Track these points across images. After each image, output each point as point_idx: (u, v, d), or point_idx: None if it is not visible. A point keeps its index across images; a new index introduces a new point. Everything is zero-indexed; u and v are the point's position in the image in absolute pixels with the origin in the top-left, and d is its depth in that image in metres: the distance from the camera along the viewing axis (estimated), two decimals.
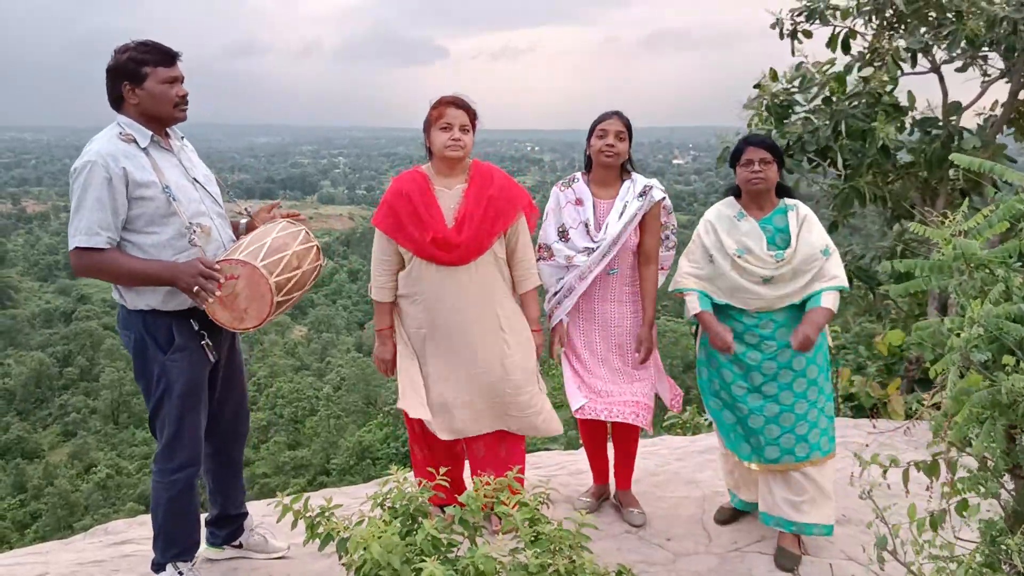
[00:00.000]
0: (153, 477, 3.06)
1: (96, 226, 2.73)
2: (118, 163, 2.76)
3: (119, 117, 2.91)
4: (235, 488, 3.42)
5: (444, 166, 3.48)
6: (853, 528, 3.71)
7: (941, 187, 6.88)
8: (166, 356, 2.92)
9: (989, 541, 2.04)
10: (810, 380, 3.42)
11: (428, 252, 3.40)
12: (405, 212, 3.42)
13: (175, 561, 3.07)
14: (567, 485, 4.21)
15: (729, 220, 3.47)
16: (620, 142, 3.60)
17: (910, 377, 7.03)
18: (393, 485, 2.34)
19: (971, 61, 6.73)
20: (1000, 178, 2.29)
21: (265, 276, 2.78)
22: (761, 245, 3.37)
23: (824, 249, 3.35)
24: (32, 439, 44.02)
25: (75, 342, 56.85)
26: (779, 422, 3.42)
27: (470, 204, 3.43)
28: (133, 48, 2.85)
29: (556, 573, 2.05)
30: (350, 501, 3.91)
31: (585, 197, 3.69)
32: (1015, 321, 1.98)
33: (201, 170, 3.10)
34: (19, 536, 30.03)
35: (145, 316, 2.92)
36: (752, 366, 3.43)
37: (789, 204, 3.46)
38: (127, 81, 2.85)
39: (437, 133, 3.41)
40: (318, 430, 39.17)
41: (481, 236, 3.42)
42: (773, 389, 3.43)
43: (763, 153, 3.37)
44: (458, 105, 3.42)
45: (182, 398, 2.94)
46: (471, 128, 3.46)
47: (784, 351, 3.38)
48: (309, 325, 64.96)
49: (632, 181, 3.68)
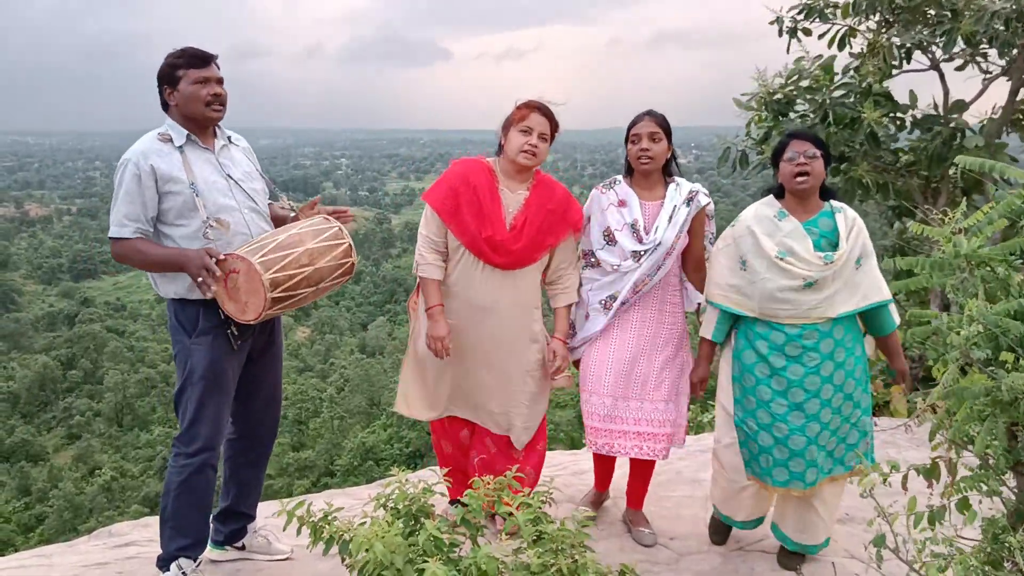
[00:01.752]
0: (169, 462, 3.12)
1: (124, 218, 2.95)
2: (148, 160, 2.95)
3: (167, 120, 3.11)
4: (254, 484, 3.46)
5: (513, 169, 3.43)
6: (855, 526, 3.71)
7: (943, 185, 6.88)
8: (191, 339, 3.06)
9: (991, 539, 2.04)
10: (846, 395, 3.21)
11: (479, 248, 3.35)
12: (467, 201, 3.35)
13: (180, 556, 3.07)
14: (570, 485, 4.21)
15: (769, 220, 3.21)
16: (655, 144, 3.40)
17: (912, 375, 7.02)
18: (396, 486, 2.34)
19: (969, 59, 6.73)
20: (1001, 176, 2.30)
21: (259, 272, 2.85)
22: (807, 245, 3.11)
23: (858, 258, 3.15)
24: (36, 442, 44.14)
25: (79, 345, 57.01)
26: (818, 442, 3.20)
27: (530, 212, 3.39)
28: (173, 55, 3.06)
29: (559, 573, 2.06)
30: (354, 502, 3.93)
31: (629, 198, 3.48)
32: (1015, 318, 1.98)
33: (242, 168, 3.23)
34: (24, 539, 30.12)
35: (175, 303, 3.09)
36: (794, 381, 3.17)
37: (836, 207, 3.22)
38: (167, 85, 3.07)
39: (516, 135, 3.36)
40: (322, 431, 39.26)
41: (534, 247, 3.39)
42: (815, 407, 3.17)
43: (808, 146, 3.14)
44: (543, 112, 3.37)
45: (203, 381, 3.03)
46: (550, 138, 3.41)
47: (827, 363, 3.16)
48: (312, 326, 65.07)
49: (677, 185, 3.49)
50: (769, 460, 3.24)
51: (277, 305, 2.93)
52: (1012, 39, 6.05)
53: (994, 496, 2.09)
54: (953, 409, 2.04)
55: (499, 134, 3.47)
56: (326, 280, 3.09)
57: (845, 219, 3.17)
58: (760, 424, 3.24)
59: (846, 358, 3.19)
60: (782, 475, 3.23)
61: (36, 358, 52.88)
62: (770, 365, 3.20)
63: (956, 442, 2.10)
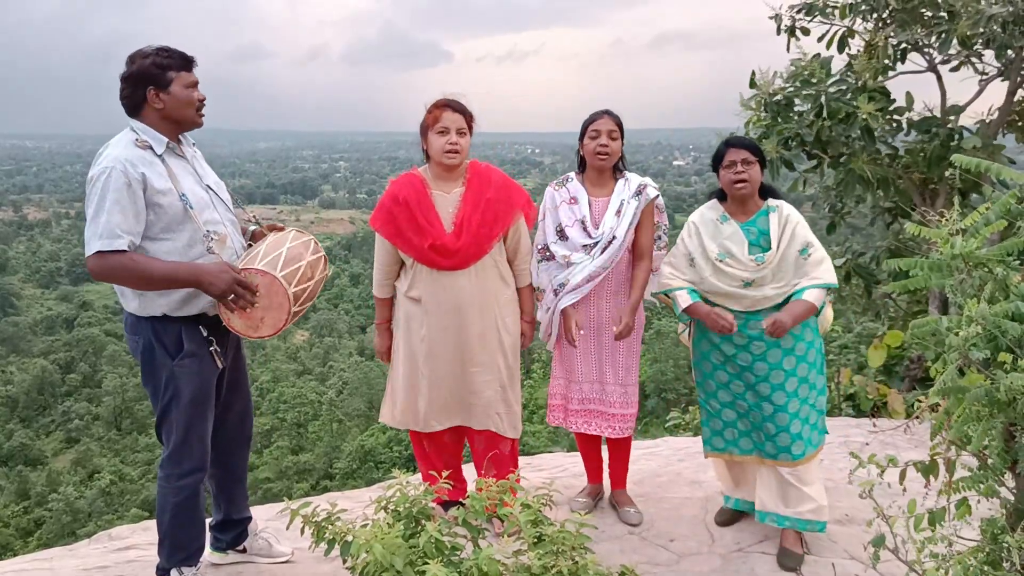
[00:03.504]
0: (159, 482, 3.06)
1: (117, 229, 2.71)
2: (137, 169, 2.76)
3: (133, 123, 2.91)
4: (239, 493, 3.43)
5: (442, 170, 3.50)
6: (855, 527, 3.71)
7: (940, 187, 6.89)
8: (175, 362, 2.92)
9: (990, 539, 2.05)
10: (801, 378, 3.41)
11: (427, 258, 3.43)
12: (404, 219, 3.44)
13: (180, 566, 3.08)
14: (569, 487, 4.21)
15: (712, 223, 3.46)
16: (613, 141, 3.59)
17: (911, 376, 7.03)
18: (396, 488, 2.35)
19: (965, 61, 6.75)
20: (997, 178, 2.31)
21: (284, 287, 2.83)
22: (743, 249, 3.36)
23: (803, 249, 3.32)
24: (35, 446, 44.06)
25: (77, 348, 56.94)
26: (775, 420, 3.41)
27: (468, 209, 3.45)
28: (154, 53, 2.86)
29: (559, 574, 2.06)
30: (354, 505, 3.93)
31: (580, 195, 3.69)
32: (1013, 319, 1.99)
33: (212, 177, 3.12)
34: (23, 543, 30.04)
35: (155, 322, 2.91)
36: (744, 367, 3.44)
37: (772, 205, 3.43)
38: (152, 86, 2.86)
39: (434, 137, 3.43)
40: (321, 435, 39.22)
41: (480, 240, 3.44)
42: (766, 389, 3.42)
43: (744, 154, 3.35)
44: (454, 108, 3.42)
45: (191, 404, 2.95)
46: (468, 131, 3.47)
47: (774, 351, 3.38)
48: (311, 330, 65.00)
49: (626, 180, 3.68)
50: (734, 433, 3.58)
51: (291, 321, 2.90)
52: (1010, 42, 6.06)
53: (992, 497, 2.10)
54: (952, 409, 2.04)
55: (420, 141, 3.54)
56: (317, 293, 3.10)
57: (779, 218, 3.38)
58: (722, 403, 3.57)
59: (795, 343, 3.40)
60: (746, 444, 3.56)
61: (35, 362, 52.76)
62: (722, 352, 3.49)
63: (955, 442, 2.11)
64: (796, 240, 3.33)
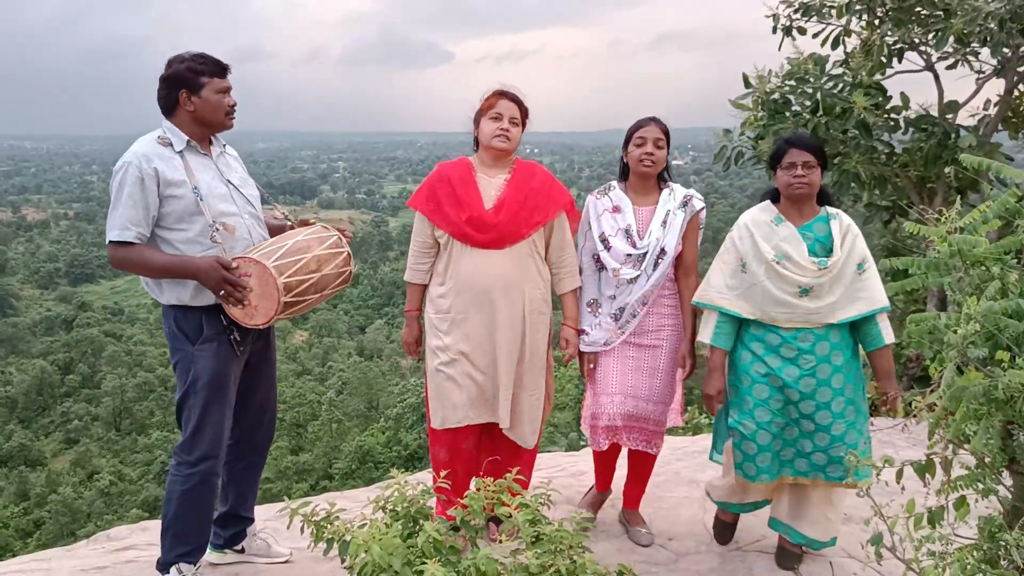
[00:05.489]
0: (170, 469, 3.11)
1: (128, 222, 2.90)
2: (151, 163, 2.92)
3: (165, 123, 3.06)
4: (250, 486, 3.45)
5: (490, 157, 3.46)
6: (853, 526, 3.72)
7: (938, 185, 6.90)
8: (194, 347, 3.03)
9: (988, 537, 2.05)
10: (848, 399, 3.20)
11: (463, 232, 3.35)
12: (444, 194, 3.41)
13: (180, 562, 3.08)
14: (568, 486, 4.22)
15: (766, 225, 3.25)
16: (659, 150, 3.47)
17: (910, 374, 7.04)
18: (394, 488, 2.35)
19: (961, 58, 6.75)
20: (997, 176, 2.31)
21: (274, 276, 2.86)
22: (801, 251, 3.16)
23: (860, 263, 3.17)
24: (35, 447, 44.07)
25: (76, 349, 56.96)
26: (814, 439, 3.22)
27: (511, 191, 3.41)
28: (190, 59, 3.01)
29: (557, 574, 2.06)
30: (352, 505, 3.92)
31: (623, 204, 3.56)
32: (1012, 317, 1.99)
33: (238, 174, 3.24)
34: (22, 544, 30.02)
35: (175, 309, 3.05)
36: (788, 383, 3.20)
37: (831, 212, 3.25)
38: (185, 89, 3.01)
39: (487, 123, 3.40)
40: (320, 435, 39.22)
41: (519, 222, 3.36)
42: (810, 408, 3.19)
43: (807, 156, 3.16)
44: (511, 98, 3.42)
45: (207, 389, 3.02)
46: (521, 123, 3.45)
47: (823, 366, 3.17)
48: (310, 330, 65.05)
49: (671, 190, 3.56)
50: (767, 459, 3.28)
51: (287, 310, 2.94)
52: (1006, 40, 6.07)
53: (990, 495, 2.10)
54: (951, 408, 2.04)
55: (472, 129, 3.52)
56: (329, 287, 3.12)
57: (840, 225, 3.21)
58: (759, 423, 3.25)
59: (844, 362, 3.20)
60: (776, 468, 3.31)
61: (34, 363, 52.77)
62: (766, 364, 3.23)
63: (953, 441, 2.11)
64: (856, 253, 3.17)
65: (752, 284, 3.21)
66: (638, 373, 3.53)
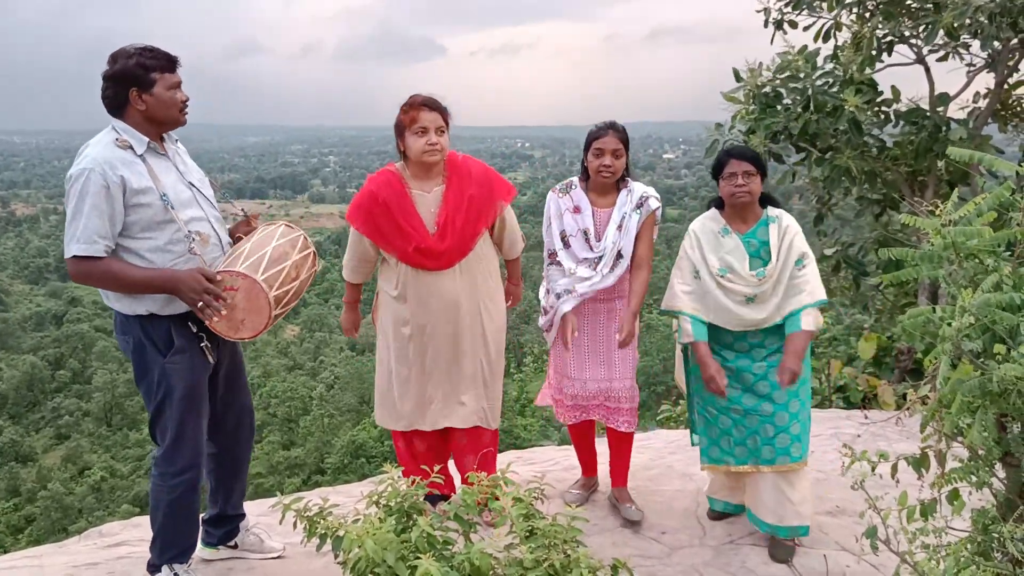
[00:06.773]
0: (153, 480, 3.04)
1: (94, 235, 2.72)
2: (116, 171, 2.74)
3: (115, 123, 2.88)
4: (237, 488, 3.42)
5: (421, 170, 3.44)
6: (846, 519, 3.72)
7: (929, 178, 6.91)
8: (166, 359, 2.91)
9: (981, 529, 2.05)
10: (801, 379, 3.36)
11: (412, 259, 3.40)
12: (384, 220, 3.40)
13: (171, 563, 3.06)
14: (561, 481, 4.21)
15: (714, 236, 3.43)
16: (616, 160, 3.53)
17: (901, 367, 7.06)
18: (387, 483, 2.34)
19: (952, 51, 6.77)
20: (988, 169, 2.31)
21: (265, 291, 2.80)
22: (744, 264, 3.35)
23: (798, 259, 3.33)
24: (25, 443, 43.83)
25: (67, 345, 56.66)
26: (774, 421, 3.40)
27: (450, 208, 3.40)
28: (138, 54, 2.83)
29: (551, 568, 2.06)
30: (345, 500, 3.91)
31: (583, 205, 3.64)
32: (1006, 309, 1.99)
33: (196, 174, 3.10)
34: (13, 540, 29.90)
35: (143, 320, 2.91)
36: (742, 368, 3.43)
37: (772, 216, 3.41)
38: (135, 87, 2.83)
39: (413, 138, 3.35)
40: (312, 429, 39.13)
41: (465, 239, 3.42)
42: (765, 388, 3.41)
43: (747, 166, 3.32)
44: (431, 107, 3.35)
45: (183, 401, 2.93)
46: (446, 128, 3.40)
47: (774, 353, 3.40)
48: (302, 324, 64.85)
49: (629, 190, 3.63)
50: (730, 442, 3.53)
51: (273, 323, 2.88)
52: (996, 33, 6.07)
53: (984, 488, 2.10)
54: (947, 401, 2.04)
55: (396, 140, 3.47)
56: (303, 291, 3.07)
57: (779, 228, 3.36)
58: (719, 408, 3.51)
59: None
60: (741, 453, 3.52)
61: (24, 358, 52.46)
62: (722, 357, 3.46)
63: (947, 434, 2.11)
64: (793, 251, 3.34)
65: (705, 292, 3.40)
66: (595, 357, 3.70)
